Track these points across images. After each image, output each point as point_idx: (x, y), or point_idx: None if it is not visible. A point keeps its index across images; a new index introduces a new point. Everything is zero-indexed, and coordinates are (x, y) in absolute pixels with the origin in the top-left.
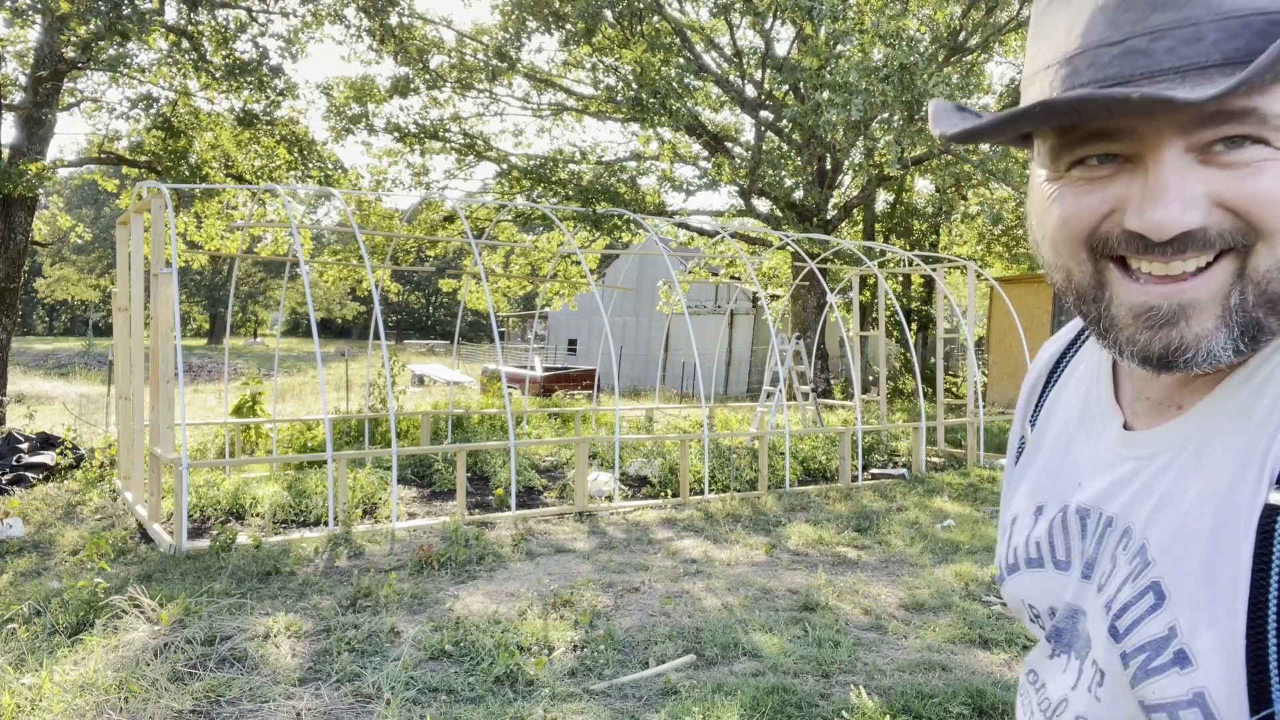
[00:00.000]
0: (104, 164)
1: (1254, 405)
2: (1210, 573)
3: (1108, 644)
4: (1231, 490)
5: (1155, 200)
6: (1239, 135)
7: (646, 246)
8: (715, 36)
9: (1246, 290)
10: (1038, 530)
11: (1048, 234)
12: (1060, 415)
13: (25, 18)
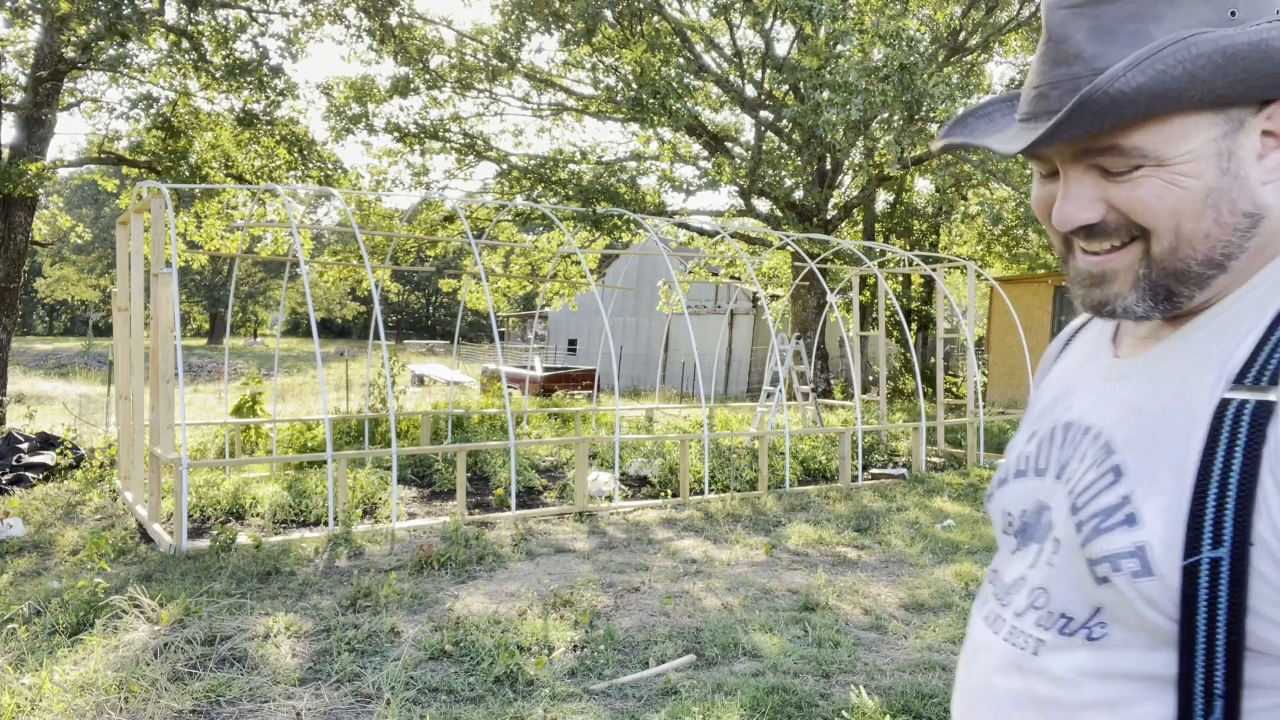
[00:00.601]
0: (104, 164)
1: (1220, 330)
2: (1165, 453)
3: (1067, 517)
4: (1192, 391)
5: (1062, 201)
6: (1121, 156)
7: (646, 246)
8: (715, 36)
9: (1152, 266)
10: (1029, 449)
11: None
12: (1062, 369)
13: (25, 18)
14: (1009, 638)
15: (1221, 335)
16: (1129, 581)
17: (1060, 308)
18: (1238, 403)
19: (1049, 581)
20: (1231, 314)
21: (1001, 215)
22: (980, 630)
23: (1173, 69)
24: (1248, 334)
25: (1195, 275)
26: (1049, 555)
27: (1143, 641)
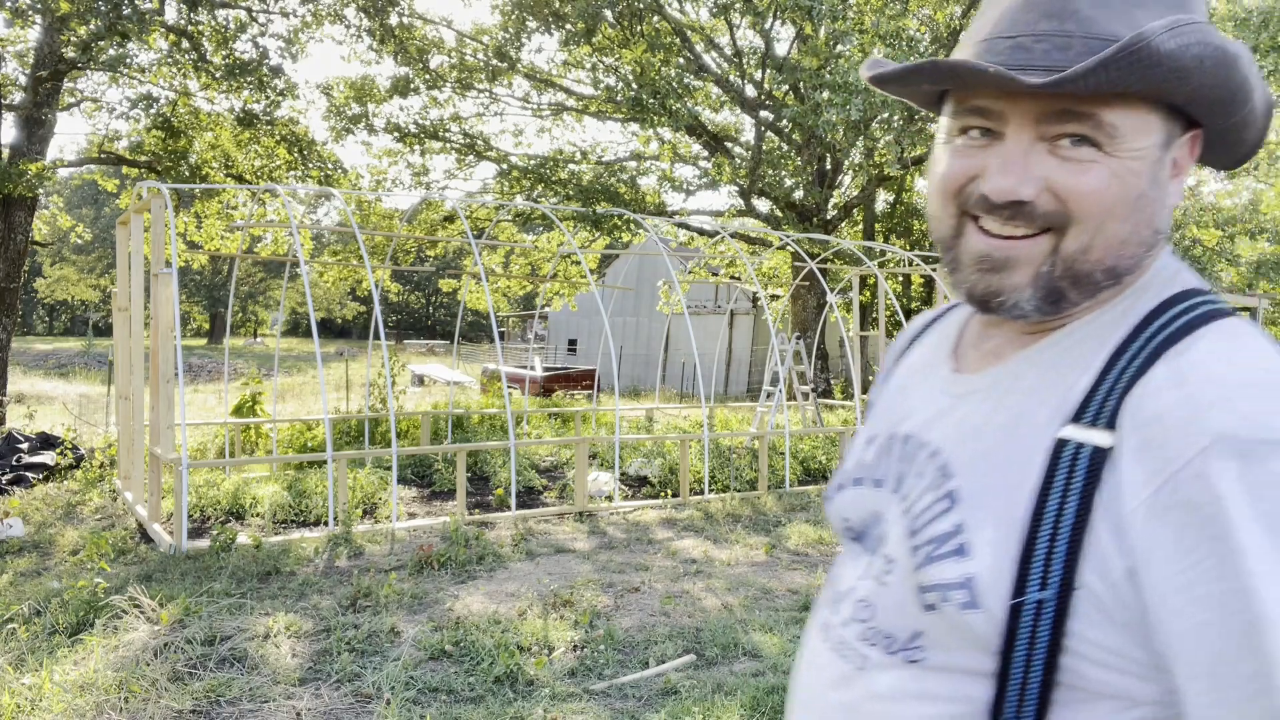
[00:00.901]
0: (104, 164)
1: (1061, 360)
2: (999, 483)
3: (903, 538)
4: (1030, 421)
5: (1002, 171)
6: (1080, 134)
7: (646, 246)
8: (715, 36)
9: (1056, 264)
10: (867, 455)
11: (934, 187)
12: (906, 369)
13: (25, 18)
14: (837, 649)
15: (1065, 362)
16: (956, 612)
17: None
18: (1074, 445)
19: (876, 597)
20: (1078, 339)
21: None
22: (815, 636)
23: (1194, 48)
24: (1090, 365)
25: (1092, 283)
26: (880, 572)
27: (960, 666)
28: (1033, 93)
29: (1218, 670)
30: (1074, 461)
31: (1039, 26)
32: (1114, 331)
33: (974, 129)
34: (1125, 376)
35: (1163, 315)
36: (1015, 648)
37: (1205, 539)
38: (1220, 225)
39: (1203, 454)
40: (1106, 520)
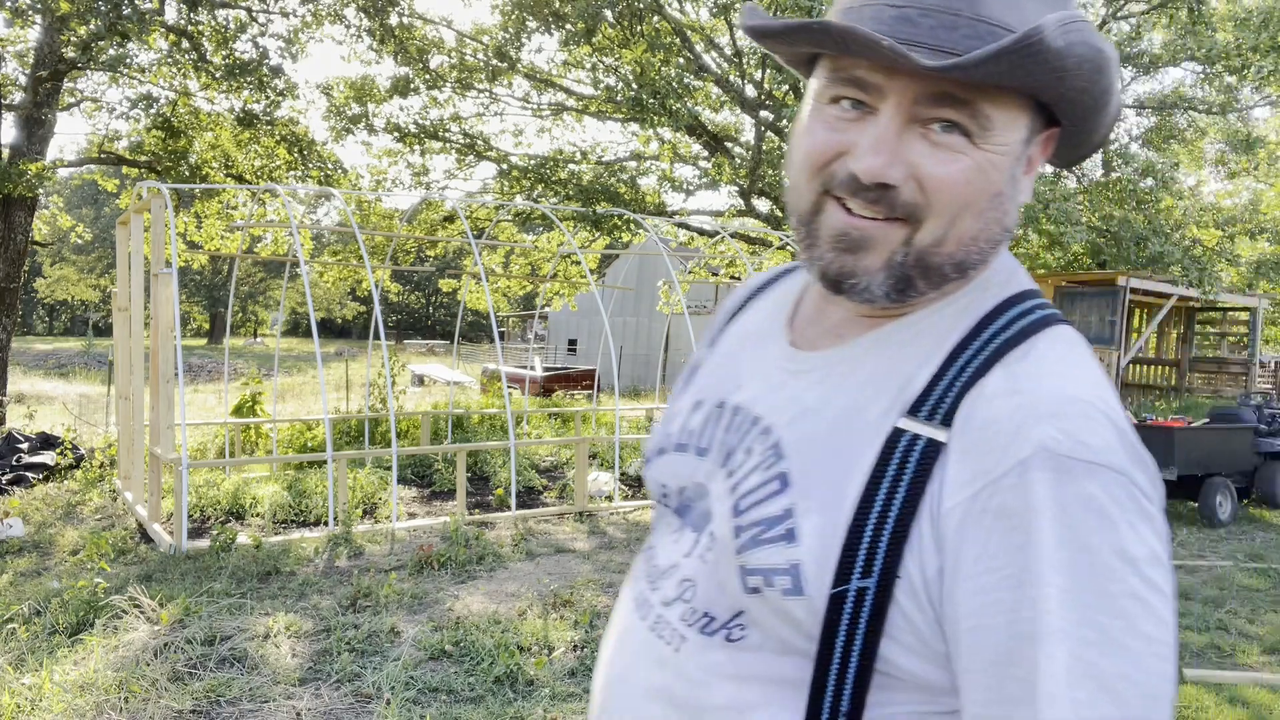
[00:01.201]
0: (104, 164)
1: (902, 350)
2: (829, 468)
3: (728, 517)
4: (865, 409)
5: (873, 150)
6: (954, 121)
7: (646, 246)
8: (715, 36)
9: (910, 254)
10: (692, 421)
11: (797, 156)
12: (736, 333)
13: (25, 18)
14: (655, 628)
15: (905, 353)
16: (779, 597)
17: (1060, 307)
18: (910, 436)
19: (699, 576)
20: (919, 330)
21: None
22: (628, 613)
23: (1078, 47)
24: (929, 359)
25: (941, 275)
26: (704, 549)
27: (778, 647)
28: (916, 74)
29: (994, 672)
30: (907, 452)
31: (927, 1)
32: (955, 327)
33: (847, 99)
34: (964, 376)
35: (1001, 316)
36: (836, 634)
37: (1011, 546)
38: (1220, 225)
39: (1022, 464)
40: (929, 514)
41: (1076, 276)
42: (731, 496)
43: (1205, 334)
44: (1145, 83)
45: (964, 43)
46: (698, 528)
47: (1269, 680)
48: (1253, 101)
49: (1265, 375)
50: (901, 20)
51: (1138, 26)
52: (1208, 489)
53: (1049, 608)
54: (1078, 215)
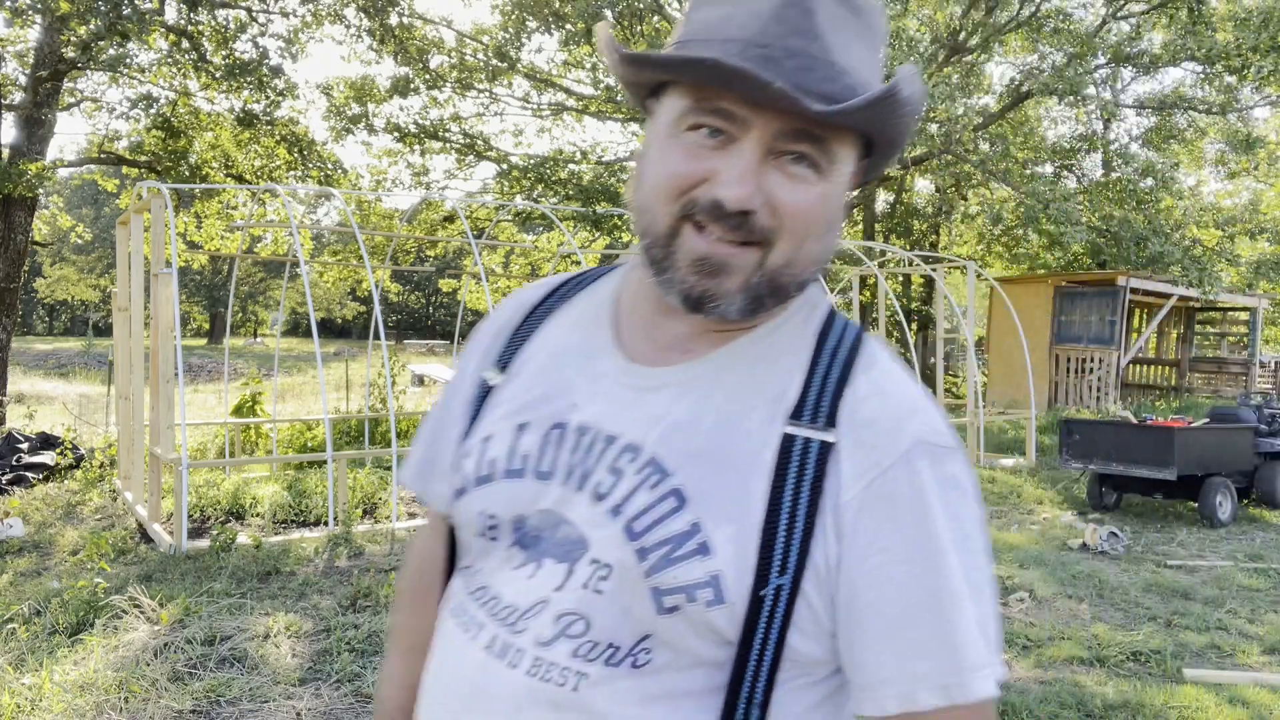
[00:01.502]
0: (104, 164)
1: (761, 362)
2: (728, 479)
3: (622, 542)
4: (742, 419)
5: (739, 180)
6: (805, 154)
7: None
8: None
9: (764, 275)
10: (522, 444)
11: (654, 180)
12: (544, 351)
13: (25, 18)
14: (534, 671)
15: (767, 366)
16: (702, 610)
17: (1060, 307)
18: (802, 440)
19: (590, 609)
20: (770, 344)
21: (1001, 215)
22: (479, 663)
23: (915, 96)
24: (793, 369)
25: (785, 293)
26: (592, 581)
27: (686, 662)
28: (780, 109)
29: (900, 630)
30: (804, 455)
31: (789, 42)
32: (801, 339)
33: (706, 128)
34: (831, 382)
35: (833, 329)
36: (755, 633)
37: (909, 522)
38: (1220, 225)
39: (906, 455)
40: (831, 507)
41: (1076, 276)
42: (617, 520)
43: (1205, 334)
44: (1145, 83)
45: (819, 85)
46: (564, 558)
47: (1269, 680)
48: (1253, 101)
49: (1265, 375)
50: (767, 60)
51: (1138, 26)
52: (1208, 489)
53: (953, 573)
54: (1078, 215)
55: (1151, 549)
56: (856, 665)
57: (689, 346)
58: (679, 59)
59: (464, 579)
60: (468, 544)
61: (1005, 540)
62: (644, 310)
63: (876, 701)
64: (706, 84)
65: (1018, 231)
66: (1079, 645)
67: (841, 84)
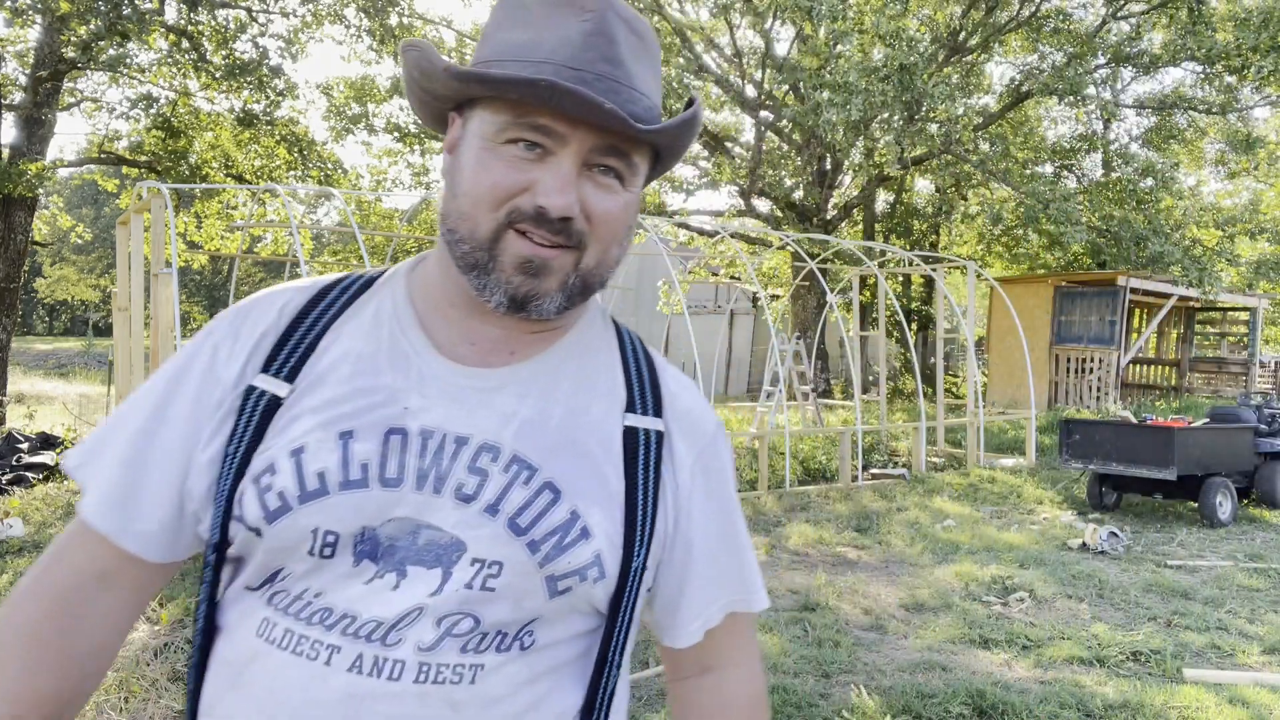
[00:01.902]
0: (104, 164)
1: (585, 359)
2: (585, 469)
3: (508, 539)
4: (586, 412)
5: (560, 190)
6: (613, 167)
7: (646, 246)
8: (715, 36)
9: (578, 276)
10: (360, 453)
11: (474, 190)
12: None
13: (25, 18)
14: (422, 678)
15: (590, 363)
16: (590, 587)
17: (1060, 307)
18: (642, 430)
19: (478, 606)
20: (585, 344)
21: (1001, 215)
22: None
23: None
24: (611, 366)
25: (591, 292)
26: (478, 579)
27: (564, 636)
28: (595, 127)
29: (721, 568)
30: (647, 443)
31: (599, 67)
32: (605, 340)
33: (524, 142)
34: (646, 378)
35: (623, 331)
36: (622, 601)
37: (718, 489)
38: (1220, 225)
39: (712, 437)
40: (671, 484)
41: (1076, 276)
42: (497, 519)
43: (1205, 334)
44: (1145, 83)
45: (625, 106)
46: (436, 563)
47: (1269, 680)
48: (1253, 101)
49: (1265, 375)
50: (580, 82)
51: (1138, 26)
52: (1208, 489)
53: (742, 525)
54: (1078, 215)
55: (1151, 549)
56: (685, 601)
57: (513, 348)
58: (516, 79)
59: (277, 605)
60: (277, 567)
61: (1005, 540)
62: (453, 314)
63: (704, 619)
64: (539, 103)
65: (1018, 231)
66: (1079, 645)
67: (642, 105)
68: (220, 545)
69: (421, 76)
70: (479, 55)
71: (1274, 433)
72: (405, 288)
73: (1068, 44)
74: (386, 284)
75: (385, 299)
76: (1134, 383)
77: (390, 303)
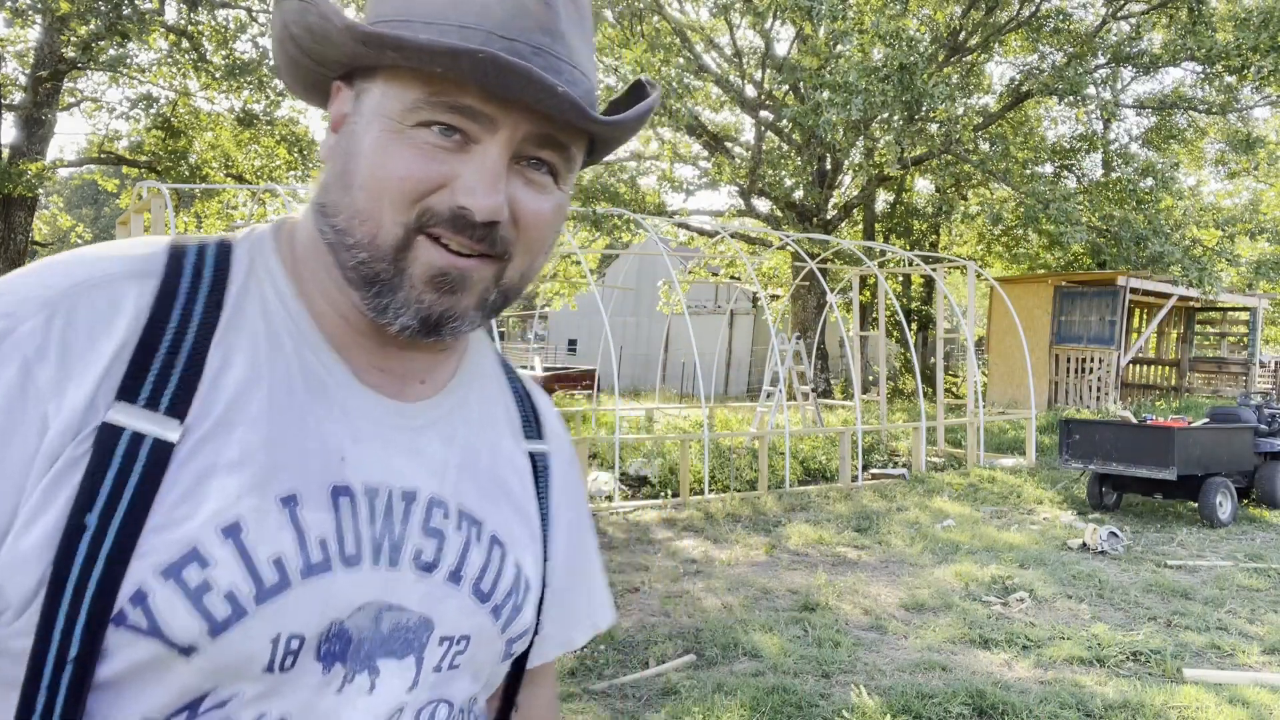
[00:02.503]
0: (104, 164)
1: (484, 386)
2: (516, 513)
3: (474, 608)
4: (499, 445)
5: (488, 188)
6: (547, 160)
7: (646, 246)
8: (715, 36)
9: (499, 290)
10: (315, 525)
11: (376, 183)
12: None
13: (25, 18)
14: None
15: (489, 388)
16: (527, 641)
17: (1060, 307)
18: (541, 454)
19: (447, 689)
20: (481, 365)
21: (1001, 215)
22: None
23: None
24: (503, 388)
25: (508, 306)
26: (446, 659)
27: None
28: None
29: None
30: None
31: (535, 38)
32: (489, 356)
33: (440, 125)
34: (524, 398)
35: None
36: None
37: (578, 504)
38: (1220, 225)
39: (572, 455)
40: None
41: (1076, 276)
42: (461, 587)
43: (1205, 334)
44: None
45: (570, 88)
46: (406, 650)
47: (1269, 680)
48: (1253, 101)
49: (1265, 375)
50: (515, 54)
51: (1138, 26)
52: (1208, 489)
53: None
54: (1078, 215)
55: (1151, 549)
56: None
57: (422, 375)
58: (446, 47)
59: None
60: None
61: (1005, 540)
62: (351, 332)
63: (571, 639)
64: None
65: (1018, 231)
66: (1079, 645)
67: (583, 87)
68: (83, 662)
69: (305, 34)
70: (376, 10)
71: (1274, 433)
72: (286, 277)
73: (1068, 44)
74: (252, 268)
75: (267, 292)
76: (1134, 383)
77: (277, 301)
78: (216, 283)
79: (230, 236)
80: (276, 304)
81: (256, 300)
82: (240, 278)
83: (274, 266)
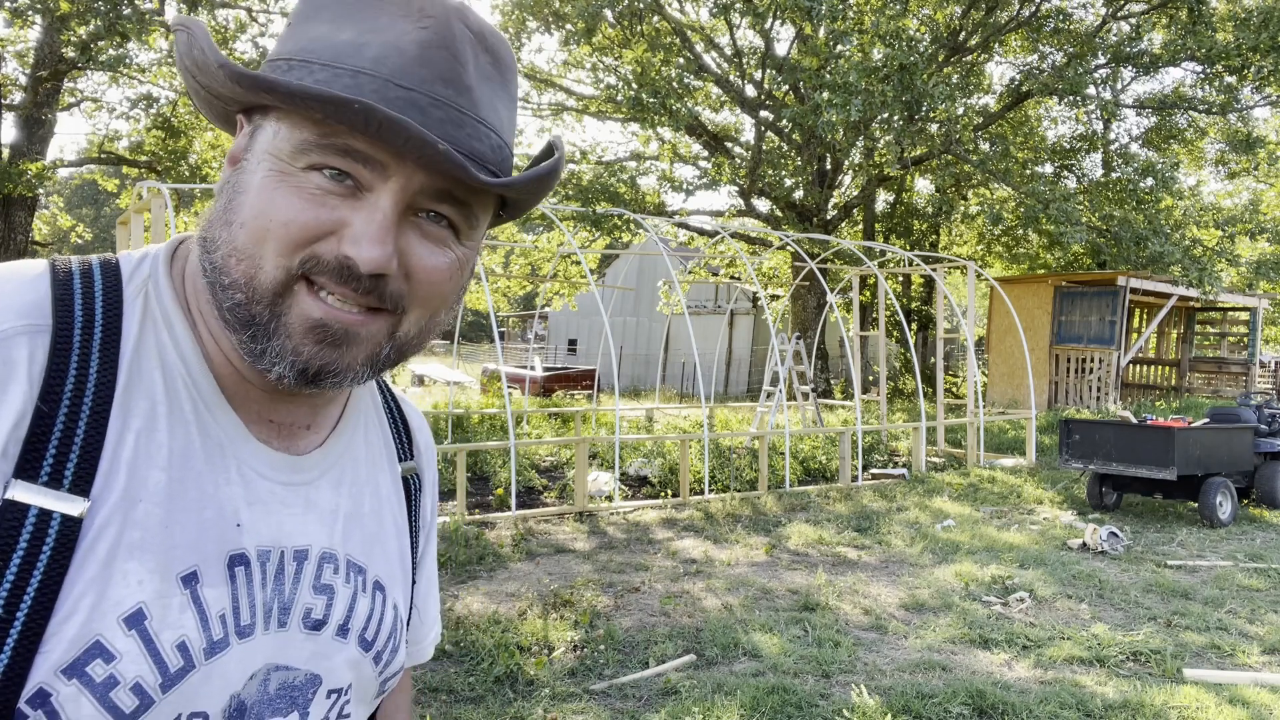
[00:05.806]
0: (104, 164)
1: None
2: (395, 552)
3: (359, 658)
4: (382, 486)
5: (375, 239)
6: (445, 215)
7: (646, 246)
8: (715, 36)
9: (394, 346)
10: (214, 603)
11: (258, 224)
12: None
13: (25, 18)
14: None
15: (370, 424)
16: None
17: (1060, 307)
18: (412, 480)
19: None
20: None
21: (1001, 215)
22: None
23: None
24: (381, 412)
25: (404, 360)
26: (333, 711)
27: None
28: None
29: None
30: (415, 492)
31: (435, 90)
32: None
33: (331, 169)
34: (398, 416)
35: None
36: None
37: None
38: (1220, 225)
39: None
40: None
41: (1076, 276)
42: (348, 640)
43: (1205, 334)
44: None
45: (467, 142)
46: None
47: (1269, 680)
48: (1253, 101)
49: (1265, 375)
50: (410, 105)
51: (1138, 26)
52: (1208, 489)
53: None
54: (1078, 215)
55: (1151, 549)
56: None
57: (308, 421)
58: (317, 94)
59: None
60: None
61: (1005, 540)
62: (240, 380)
63: (425, 651)
64: (356, 131)
65: (1018, 231)
66: (1079, 645)
67: (489, 144)
68: None
69: (194, 67)
70: (281, 48)
71: (1274, 433)
72: (182, 319)
73: (1068, 44)
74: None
75: (164, 339)
76: (1134, 383)
77: (175, 353)
78: (109, 331)
79: (116, 262)
80: (174, 356)
81: (153, 352)
82: (134, 327)
83: (169, 307)
